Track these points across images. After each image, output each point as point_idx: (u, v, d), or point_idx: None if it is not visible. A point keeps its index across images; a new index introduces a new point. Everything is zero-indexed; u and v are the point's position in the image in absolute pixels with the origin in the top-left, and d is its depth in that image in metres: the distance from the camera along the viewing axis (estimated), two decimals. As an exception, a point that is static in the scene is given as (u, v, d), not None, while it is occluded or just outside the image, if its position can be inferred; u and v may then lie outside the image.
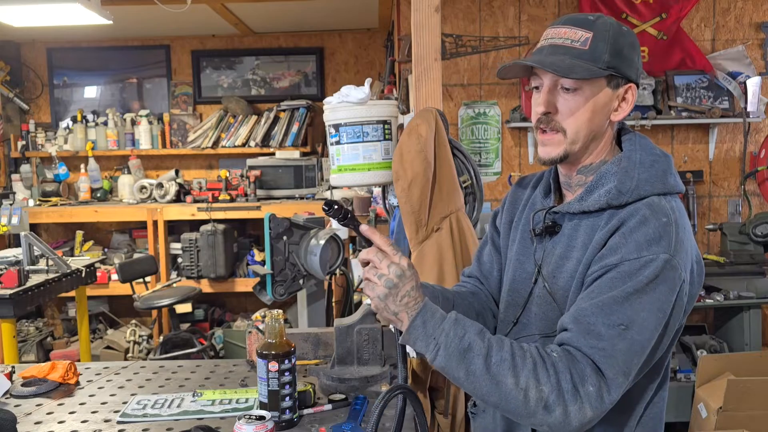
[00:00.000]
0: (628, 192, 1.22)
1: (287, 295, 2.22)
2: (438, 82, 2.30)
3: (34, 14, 3.42)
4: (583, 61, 1.22)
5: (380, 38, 5.56)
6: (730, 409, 3.06)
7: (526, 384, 1.09)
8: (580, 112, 1.24)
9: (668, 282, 1.14)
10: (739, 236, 3.80)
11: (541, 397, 1.08)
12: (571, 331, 1.14)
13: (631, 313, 1.12)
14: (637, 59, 1.28)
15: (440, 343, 1.14)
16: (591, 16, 1.26)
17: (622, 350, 1.10)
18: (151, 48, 5.71)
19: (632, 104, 1.28)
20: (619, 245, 1.17)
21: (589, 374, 1.09)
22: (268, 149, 5.42)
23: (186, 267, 5.09)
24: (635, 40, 1.28)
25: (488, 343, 1.13)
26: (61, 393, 1.80)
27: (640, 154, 1.27)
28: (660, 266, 1.14)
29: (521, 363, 1.10)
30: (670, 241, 1.16)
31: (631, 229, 1.18)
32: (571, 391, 1.08)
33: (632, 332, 1.11)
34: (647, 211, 1.19)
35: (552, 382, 1.09)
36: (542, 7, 4.07)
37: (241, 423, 1.31)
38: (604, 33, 1.23)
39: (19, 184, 5.43)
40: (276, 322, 1.52)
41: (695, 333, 3.94)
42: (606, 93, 1.25)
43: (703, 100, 4.03)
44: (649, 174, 1.24)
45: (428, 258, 2.06)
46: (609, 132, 1.30)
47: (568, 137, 1.26)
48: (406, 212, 2.08)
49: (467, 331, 1.14)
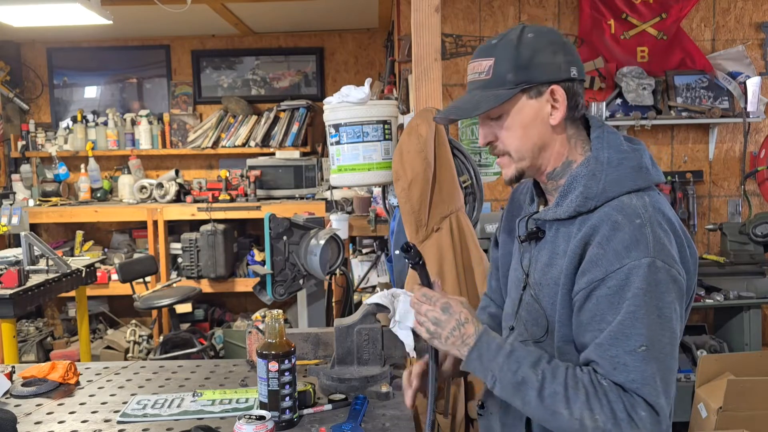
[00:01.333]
0: (594, 197, 1.22)
1: (287, 295, 2.23)
2: (438, 82, 2.30)
3: (34, 14, 3.43)
4: (490, 90, 1.26)
5: (380, 38, 5.56)
6: (730, 409, 3.06)
7: (581, 415, 1.12)
8: (512, 133, 1.27)
9: (660, 285, 1.14)
10: (739, 236, 3.80)
11: (597, 426, 1.11)
12: (603, 368, 1.15)
13: (646, 332, 1.12)
14: (555, 58, 1.24)
15: (496, 376, 1.19)
16: (494, 40, 1.29)
17: (653, 372, 1.12)
18: (151, 48, 5.71)
19: (564, 101, 1.25)
20: (599, 257, 1.17)
21: (638, 401, 1.11)
22: (268, 149, 5.42)
23: (186, 267, 5.09)
24: (547, 41, 1.25)
25: (542, 375, 1.16)
26: (61, 393, 1.80)
27: (607, 152, 1.25)
28: (646, 272, 1.13)
29: (574, 395, 1.13)
30: (647, 243, 1.15)
31: (607, 237, 1.17)
32: (627, 420, 1.10)
33: (654, 350, 1.12)
34: (618, 215, 1.18)
35: (606, 412, 1.11)
36: (542, 7, 4.07)
37: (241, 423, 1.31)
38: (504, 54, 1.25)
39: (19, 184, 5.43)
40: (276, 322, 1.52)
41: (695, 333, 3.94)
42: (530, 105, 1.26)
43: (703, 100, 4.03)
44: (618, 174, 1.23)
45: (428, 258, 2.06)
46: (560, 135, 1.29)
47: (513, 157, 1.29)
48: (406, 212, 2.08)
49: (521, 364, 1.18)
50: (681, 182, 4.07)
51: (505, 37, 1.27)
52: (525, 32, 1.26)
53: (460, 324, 1.25)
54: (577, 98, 1.27)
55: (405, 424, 1.53)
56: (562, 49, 1.26)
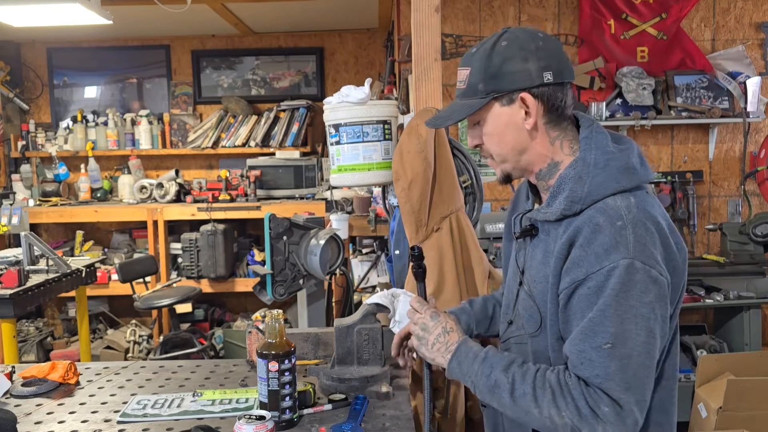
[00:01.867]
0: (579, 200, 1.24)
1: (287, 295, 2.23)
2: (438, 82, 2.30)
3: (34, 14, 3.43)
4: (465, 99, 1.32)
5: (380, 38, 5.56)
6: (730, 409, 3.06)
7: (549, 413, 1.18)
8: (490, 138, 1.33)
9: (638, 285, 1.16)
10: (739, 236, 3.80)
11: (566, 423, 1.17)
12: (572, 362, 1.20)
13: (613, 329, 1.15)
14: (526, 65, 1.27)
15: (473, 381, 1.28)
16: (474, 48, 1.33)
17: (616, 369, 1.14)
18: (151, 48, 5.71)
19: (535, 107, 1.28)
20: (581, 258, 1.20)
21: (601, 397, 1.15)
22: (268, 149, 5.42)
23: (186, 267, 5.09)
24: (519, 47, 1.27)
25: (512, 378, 1.23)
26: (61, 393, 1.80)
27: (594, 154, 1.27)
28: (623, 273, 1.15)
29: (541, 394, 1.19)
30: (627, 245, 1.17)
31: (588, 239, 1.20)
32: (591, 415, 1.15)
33: (619, 348, 1.15)
34: (601, 218, 1.20)
35: (571, 409, 1.16)
36: (542, 7, 4.08)
37: (241, 423, 1.31)
38: (477, 64, 1.30)
39: (19, 184, 5.43)
40: (276, 322, 1.52)
41: (695, 333, 3.94)
42: (503, 112, 1.30)
43: (703, 100, 4.03)
44: (604, 176, 1.25)
45: (428, 258, 2.06)
46: (539, 138, 1.31)
47: (496, 160, 1.36)
48: (406, 212, 2.08)
49: (493, 369, 1.25)
50: (681, 182, 4.08)
51: (483, 45, 1.31)
52: (500, 40, 1.29)
53: (445, 331, 1.34)
54: (556, 101, 1.29)
55: (405, 424, 1.53)
56: (535, 55, 1.27)
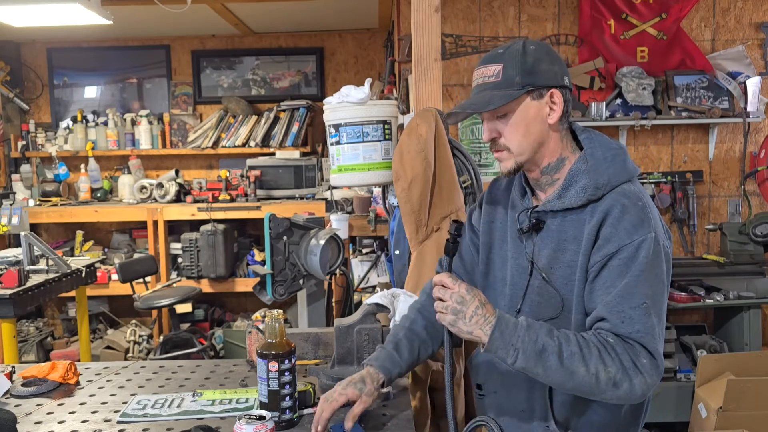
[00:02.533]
0: (603, 187, 1.41)
1: (287, 295, 2.23)
2: (438, 82, 2.30)
3: (34, 14, 3.43)
4: (499, 91, 1.42)
5: (380, 38, 5.56)
6: (729, 409, 3.06)
7: (596, 369, 1.29)
8: (516, 130, 1.44)
9: (659, 255, 1.36)
10: (739, 236, 3.80)
11: (610, 377, 1.29)
12: (610, 322, 1.33)
13: (647, 291, 1.33)
14: (553, 66, 1.44)
15: (518, 348, 1.31)
16: (500, 49, 1.46)
17: (653, 324, 1.32)
18: (151, 48, 5.71)
19: (561, 104, 1.44)
20: (612, 235, 1.36)
21: (640, 350, 1.30)
22: (268, 149, 5.42)
23: (186, 267, 5.09)
24: (545, 52, 1.44)
25: (558, 341, 1.31)
26: (61, 393, 1.80)
27: (600, 151, 1.45)
28: (651, 244, 1.34)
29: (588, 353, 1.30)
30: (650, 221, 1.36)
31: (617, 218, 1.36)
32: (632, 368, 1.29)
33: (653, 307, 1.33)
34: (625, 200, 1.38)
35: (616, 364, 1.29)
36: (542, 7, 4.07)
37: (241, 423, 1.31)
38: (512, 60, 1.42)
39: (20, 184, 5.43)
40: (276, 322, 1.52)
41: (695, 333, 3.94)
42: (532, 106, 1.43)
43: (703, 100, 4.03)
44: (615, 168, 1.43)
45: (428, 258, 2.06)
46: (555, 133, 1.46)
47: (513, 152, 1.45)
48: (406, 212, 2.08)
49: (539, 334, 1.32)
50: (681, 182, 4.08)
51: (511, 47, 1.45)
52: (527, 44, 1.44)
53: (482, 304, 1.35)
54: (569, 103, 1.46)
55: (405, 424, 1.53)
56: (558, 61, 1.46)
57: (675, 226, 4.15)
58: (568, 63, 4.08)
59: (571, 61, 4.09)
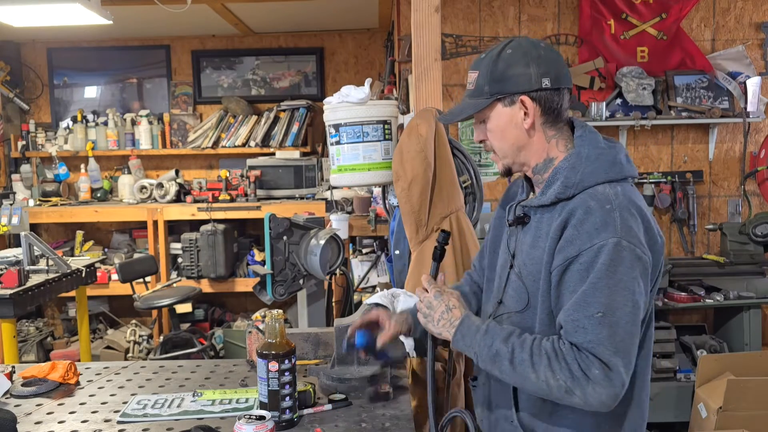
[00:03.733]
0: (573, 186, 1.39)
1: (287, 295, 2.23)
2: (438, 82, 2.30)
3: (34, 14, 3.42)
4: (473, 99, 1.48)
5: (380, 38, 5.56)
6: (730, 409, 3.06)
7: (545, 376, 1.31)
8: (494, 135, 1.49)
9: (625, 261, 1.30)
10: (739, 236, 3.80)
11: (560, 385, 1.29)
12: (566, 330, 1.32)
13: (604, 300, 1.29)
14: (528, 70, 1.42)
15: (476, 351, 1.40)
16: (483, 55, 1.48)
17: (606, 335, 1.28)
18: (151, 48, 5.71)
19: (533, 109, 1.43)
20: (574, 237, 1.34)
21: (592, 360, 1.28)
22: (268, 149, 5.42)
23: (186, 267, 5.09)
24: (521, 55, 1.43)
25: (511, 347, 1.35)
26: (61, 393, 1.80)
27: (587, 149, 1.43)
28: (611, 250, 1.30)
29: (538, 360, 1.32)
30: (615, 226, 1.31)
31: (581, 220, 1.34)
32: (583, 377, 1.28)
33: (609, 317, 1.29)
34: (592, 201, 1.35)
35: (565, 372, 1.29)
36: (542, 7, 4.07)
37: (241, 423, 1.31)
38: (484, 68, 1.46)
39: (20, 184, 5.43)
40: (276, 322, 1.52)
41: (695, 333, 3.94)
42: (504, 112, 1.46)
43: (703, 100, 4.03)
44: (594, 167, 1.40)
45: (428, 258, 2.06)
46: (537, 135, 1.46)
47: (498, 155, 1.51)
48: (406, 212, 2.08)
49: (494, 340, 1.38)
50: (681, 182, 4.08)
51: (490, 52, 1.47)
52: (506, 48, 1.45)
53: (448, 309, 1.47)
54: (553, 104, 1.44)
55: (405, 424, 1.54)
56: (536, 62, 1.43)
57: (675, 226, 4.15)
58: (569, 63, 4.08)
59: (571, 61, 4.09)
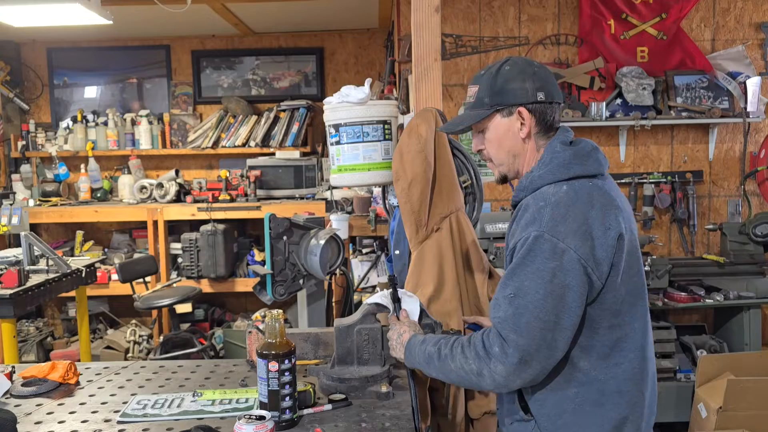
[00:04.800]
0: (523, 189, 1.55)
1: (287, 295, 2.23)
2: (438, 82, 2.30)
3: (34, 14, 3.43)
4: (473, 110, 1.61)
5: (380, 38, 5.56)
6: (729, 408, 3.06)
7: (461, 363, 1.48)
8: (491, 144, 1.61)
9: (543, 253, 1.41)
10: (738, 236, 3.80)
11: (472, 369, 1.46)
12: (491, 306, 1.49)
13: (517, 284, 1.43)
14: (524, 84, 1.54)
15: (418, 361, 1.62)
16: (482, 71, 1.62)
17: (511, 314, 1.42)
18: (151, 48, 5.71)
19: (530, 120, 1.55)
20: (515, 231, 1.51)
21: (494, 338, 1.44)
22: (268, 149, 5.42)
23: (186, 267, 5.09)
24: (518, 71, 1.56)
25: (439, 347, 1.55)
26: (61, 393, 1.80)
27: (546, 155, 1.55)
28: (531, 242, 1.43)
29: (457, 351, 1.50)
30: (541, 221, 1.43)
31: (520, 217, 1.51)
32: (484, 356, 1.44)
33: (518, 299, 1.42)
34: (530, 200, 1.50)
35: (473, 354, 1.46)
36: (542, 8, 4.07)
37: (241, 423, 1.31)
38: (485, 82, 1.59)
39: (20, 184, 5.43)
40: (276, 322, 1.52)
41: (695, 333, 3.94)
42: (502, 123, 1.58)
43: (703, 100, 4.03)
44: (544, 170, 1.53)
45: (428, 258, 2.06)
46: (530, 145, 1.58)
47: (495, 163, 1.64)
48: (406, 212, 2.08)
49: (427, 345, 1.59)
50: (681, 182, 4.08)
51: (490, 69, 1.60)
52: (504, 65, 1.58)
53: (399, 335, 1.69)
54: (546, 116, 1.56)
55: (405, 424, 1.53)
56: (531, 78, 1.55)
57: (675, 226, 4.15)
58: (569, 63, 4.08)
59: (571, 61, 4.09)
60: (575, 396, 1.49)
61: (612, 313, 1.46)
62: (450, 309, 2.02)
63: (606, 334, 1.47)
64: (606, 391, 1.48)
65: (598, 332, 1.47)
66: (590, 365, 1.48)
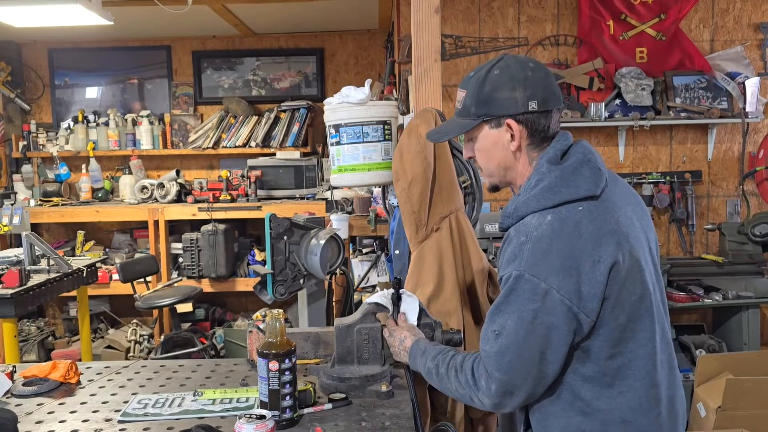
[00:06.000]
0: (508, 215, 1.46)
1: (288, 295, 2.24)
2: (438, 82, 2.31)
3: (35, 15, 3.43)
4: (459, 118, 1.52)
5: (380, 39, 5.57)
6: (728, 408, 3.07)
7: (455, 386, 1.50)
8: (480, 154, 1.53)
9: (524, 293, 1.36)
10: (737, 236, 3.81)
11: (464, 394, 1.49)
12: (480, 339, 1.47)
13: (502, 321, 1.39)
14: (514, 93, 1.43)
15: (421, 370, 1.63)
16: (472, 73, 1.50)
17: (495, 351, 1.40)
18: (151, 48, 5.72)
19: (519, 132, 1.45)
20: (500, 263, 1.47)
21: (482, 371, 1.43)
22: (269, 149, 5.43)
23: (187, 267, 5.10)
24: (508, 78, 1.44)
25: (436, 364, 1.57)
26: (62, 392, 1.81)
27: (533, 176, 1.44)
28: (512, 282, 1.37)
29: (452, 374, 1.51)
30: (522, 259, 1.36)
31: (503, 250, 1.45)
32: (473, 385, 1.45)
33: (502, 338, 1.39)
34: (513, 232, 1.43)
35: (463, 381, 1.48)
36: (541, 8, 4.08)
37: (242, 422, 1.32)
38: (471, 88, 1.48)
39: (21, 184, 5.44)
40: (276, 322, 1.53)
41: (694, 332, 3.95)
42: (491, 134, 1.49)
43: (702, 100, 4.03)
44: (529, 196, 1.42)
45: (428, 258, 2.07)
46: (522, 157, 1.48)
47: (485, 174, 1.56)
48: (406, 212, 2.09)
49: (427, 359, 1.60)
50: (680, 182, 4.09)
51: (478, 72, 1.48)
52: (493, 68, 1.46)
53: (401, 341, 1.71)
54: (539, 127, 1.45)
55: (405, 423, 1.54)
56: (522, 85, 1.43)
57: (674, 226, 4.16)
58: (568, 64, 4.09)
59: (570, 62, 4.10)
60: (579, 424, 1.42)
61: (611, 343, 1.38)
62: (450, 308, 2.02)
63: (607, 364, 1.39)
64: (610, 421, 1.41)
65: (598, 363, 1.39)
66: (593, 395, 1.40)
